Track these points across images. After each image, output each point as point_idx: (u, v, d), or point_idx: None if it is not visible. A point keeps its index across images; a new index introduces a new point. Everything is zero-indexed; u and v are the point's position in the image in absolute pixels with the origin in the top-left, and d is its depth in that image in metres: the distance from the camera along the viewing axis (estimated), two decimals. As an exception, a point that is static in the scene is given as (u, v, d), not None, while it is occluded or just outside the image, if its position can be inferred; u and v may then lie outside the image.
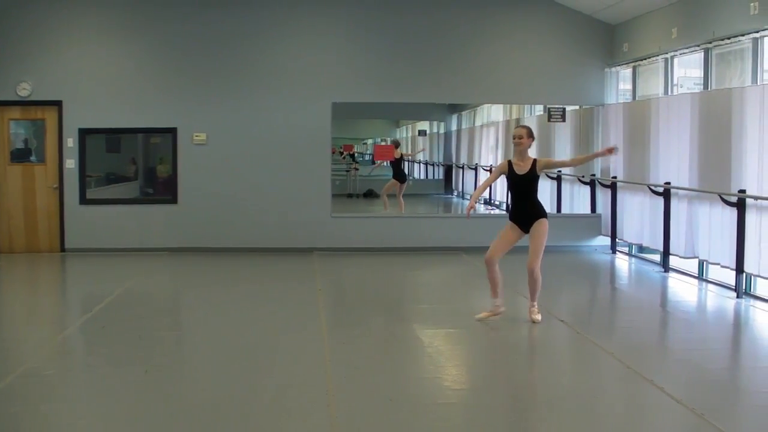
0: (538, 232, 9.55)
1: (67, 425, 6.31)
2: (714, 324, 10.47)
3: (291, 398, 6.94)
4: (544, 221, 9.64)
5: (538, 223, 9.58)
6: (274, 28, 15.42)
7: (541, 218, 9.63)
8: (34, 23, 14.92)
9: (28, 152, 15.29)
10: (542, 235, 9.55)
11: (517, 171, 9.70)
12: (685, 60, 13.58)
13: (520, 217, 9.71)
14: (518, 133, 9.78)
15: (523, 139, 9.72)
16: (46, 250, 15.20)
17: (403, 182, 20.10)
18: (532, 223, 9.60)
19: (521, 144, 9.69)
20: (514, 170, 9.73)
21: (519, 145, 9.72)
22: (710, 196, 12.00)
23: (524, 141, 9.71)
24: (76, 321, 10.31)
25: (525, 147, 9.70)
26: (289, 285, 12.57)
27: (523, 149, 9.71)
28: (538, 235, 9.54)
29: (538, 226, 9.57)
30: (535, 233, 9.57)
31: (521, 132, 9.78)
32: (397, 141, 21.79)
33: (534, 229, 9.58)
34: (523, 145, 9.69)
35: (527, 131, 9.81)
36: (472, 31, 15.75)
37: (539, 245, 9.55)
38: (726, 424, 6.22)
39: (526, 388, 7.38)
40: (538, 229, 9.56)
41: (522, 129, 9.85)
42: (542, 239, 9.55)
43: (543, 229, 9.58)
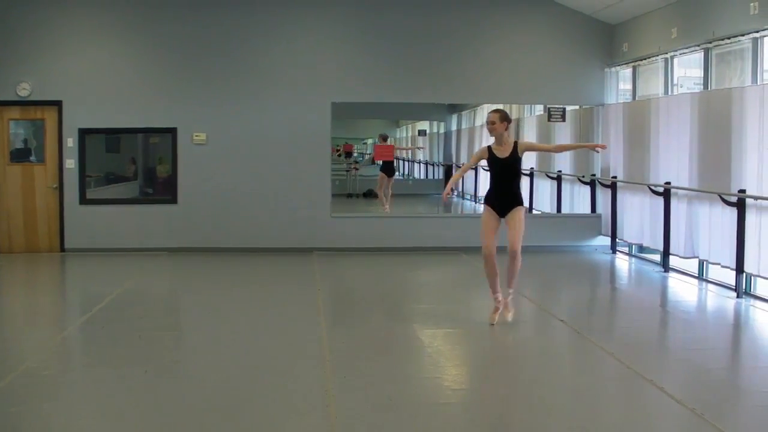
0: (518, 217, 9.42)
1: (66, 425, 6.31)
2: (714, 324, 10.47)
3: (290, 398, 6.93)
4: (523, 208, 9.54)
5: (517, 210, 9.44)
6: (275, 29, 15.41)
7: (519, 205, 9.49)
8: (34, 23, 14.91)
9: (28, 152, 15.28)
10: (521, 220, 9.44)
11: (498, 155, 9.50)
12: (685, 60, 13.58)
13: (499, 201, 9.53)
14: (490, 118, 9.51)
15: (496, 125, 9.45)
16: (45, 250, 15.19)
17: (391, 176, 20.13)
18: (509, 210, 9.45)
19: (494, 129, 9.46)
20: (495, 154, 9.52)
21: (492, 131, 9.50)
22: (710, 196, 11.99)
23: (497, 126, 9.45)
24: (75, 321, 10.31)
25: (499, 132, 9.46)
26: (289, 285, 12.57)
27: (497, 135, 9.48)
28: (518, 219, 9.42)
29: (517, 212, 9.43)
30: (514, 218, 9.43)
31: (493, 117, 9.49)
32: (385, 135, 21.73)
33: (512, 215, 9.43)
34: (496, 130, 9.45)
35: (500, 116, 9.51)
36: (472, 31, 15.75)
37: (521, 228, 9.42)
38: (726, 424, 6.21)
39: (526, 388, 7.37)
40: (517, 215, 9.42)
41: (494, 114, 9.55)
42: (522, 224, 9.44)
43: (522, 215, 9.48)
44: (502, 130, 9.46)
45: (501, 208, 9.50)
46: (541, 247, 15.65)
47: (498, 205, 9.51)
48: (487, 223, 9.56)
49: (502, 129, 9.45)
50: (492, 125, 9.44)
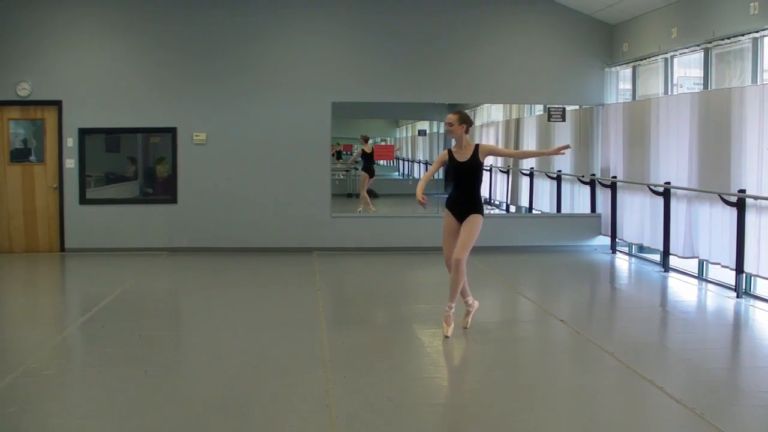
0: (471, 224, 9.06)
1: (66, 425, 6.30)
2: (714, 324, 10.46)
3: (290, 398, 6.93)
4: (479, 217, 9.16)
5: (472, 218, 9.09)
6: (275, 28, 15.42)
7: (476, 213, 9.14)
8: (34, 23, 14.92)
9: (28, 152, 15.28)
10: (474, 228, 9.07)
11: (458, 158, 9.17)
12: (685, 60, 13.58)
13: (457, 206, 9.22)
14: (448, 119, 9.15)
15: (454, 126, 9.09)
16: (45, 250, 15.19)
17: (372, 176, 20.12)
18: (467, 216, 9.12)
19: (452, 131, 9.12)
20: (455, 157, 9.20)
21: (450, 133, 9.19)
22: (710, 195, 12.00)
23: (455, 128, 9.10)
24: (75, 321, 10.30)
25: (457, 134, 9.11)
26: (289, 285, 12.57)
27: (456, 137, 9.16)
28: (470, 227, 9.05)
29: (472, 221, 9.08)
30: (467, 225, 9.06)
31: (451, 118, 9.14)
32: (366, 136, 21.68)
33: (466, 223, 9.08)
34: (454, 132, 9.11)
35: (459, 117, 9.15)
36: (472, 31, 15.75)
37: (469, 237, 9.03)
38: (726, 424, 6.22)
39: (526, 388, 7.37)
40: (471, 222, 9.07)
41: (453, 115, 9.19)
42: (474, 232, 9.07)
43: (476, 223, 9.10)
44: (461, 132, 9.13)
45: (460, 213, 9.21)
46: (541, 247, 15.69)
47: (457, 211, 9.23)
48: (446, 230, 9.28)
49: (460, 131, 9.13)
50: (450, 127, 9.13)
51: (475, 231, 9.07)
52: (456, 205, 9.22)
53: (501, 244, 15.66)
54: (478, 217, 9.12)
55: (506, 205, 20.08)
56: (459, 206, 9.19)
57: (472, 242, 9.05)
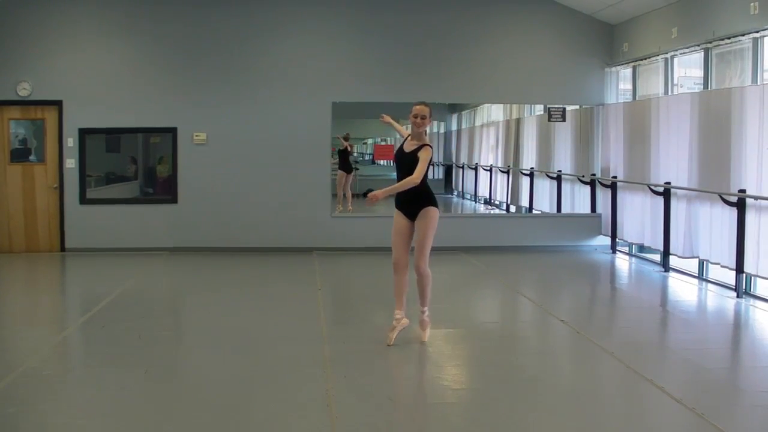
0: (423, 223, 8.44)
1: (66, 425, 6.30)
2: (714, 324, 10.46)
3: (291, 398, 6.93)
4: (432, 210, 8.50)
5: (424, 212, 8.46)
6: (275, 28, 15.42)
7: (429, 206, 8.50)
8: (34, 23, 14.92)
9: (28, 152, 15.28)
10: (428, 228, 8.44)
11: (405, 148, 8.58)
12: (685, 60, 13.58)
13: (405, 203, 8.59)
14: (422, 112, 8.47)
15: (426, 120, 8.50)
16: (46, 250, 15.20)
17: (350, 173, 20.10)
18: (419, 211, 8.48)
19: (422, 125, 8.49)
20: (403, 147, 8.64)
21: (419, 126, 8.47)
22: (710, 195, 12.00)
23: (426, 122, 8.52)
24: (76, 321, 10.31)
25: (424, 128, 8.52)
26: (289, 285, 12.57)
27: (422, 130, 8.52)
28: (424, 225, 8.43)
29: (424, 216, 8.45)
30: (420, 225, 8.46)
31: (424, 110, 8.49)
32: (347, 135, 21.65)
33: (420, 220, 8.47)
34: (423, 126, 8.50)
35: (430, 110, 8.57)
36: (472, 30, 15.76)
37: (425, 239, 8.42)
38: (726, 424, 6.22)
39: (526, 388, 7.38)
40: (423, 221, 8.45)
41: (426, 107, 8.54)
42: (428, 232, 8.43)
43: (430, 220, 8.46)
44: (427, 125, 8.57)
45: (410, 209, 8.57)
46: (541, 247, 15.70)
47: (407, 208, 8.60)
48: (396, 230, 8.69)
49: (427, 124, 8.55)
50: (423, 120, 8.48)
51: (431, 229, 8.47)
52: (404, 202, 8.61)
53: (501, 244, 15.67)
54: (431, 210, 8.50)
55: (506, 205, 20.08)
56: (407, 203, 8.57)
57: (430, 242, 8.49)
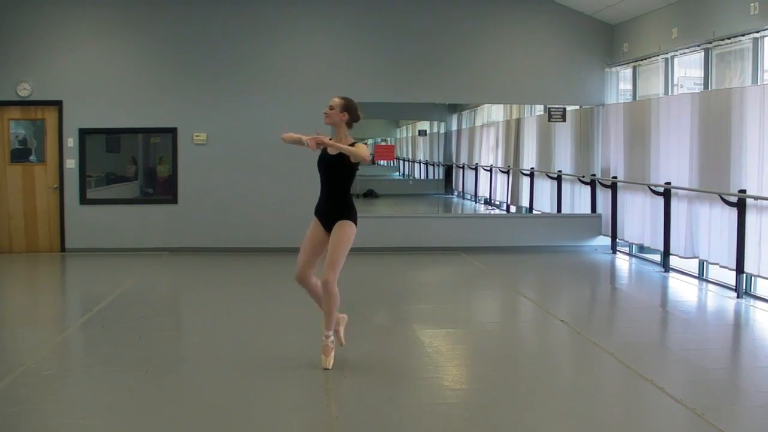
0: (338, 236, 7.74)
1: (66, 425, 6.30)
2: (714, 324, 10.46)
3: (290, 398, 6.94)
4: (349, 225, 7.82)
5: (340, 225, 7.79)
6: (275, 28, 15.42)
7: (345, 219, 7.83)
8: (34, 23, 14.92)
9: (28, 152, 15.28)
10: (343, 241, 7.73)
11: (329, 151, 7.87)
12: (686, 60, 13.58)
13: (323, 210, 7.98)
14: (331, 101, 7.89)
15: (334, 110, 7.82)
16: (46, 250, 15.20)
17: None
18: (335, 223, 7.83)
19: (329, 116, 7.85)
20: (326, 150, 7.91)
21: (327, 116, 7.85)
22: (710, 196, 12.00)
23: (333, 113, 7.82)
24: (76, 321, 10.31)
25: (334, 121, 7.84)
26: (289, 285, 12.52)
27: (332, 123, 7.88)
28: (337, 239, 7.73)
29: (339, 228, 7.77)
30: (334, 237, 7.76)
31: (334, 101, 7.87)
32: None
33: (334, 232, 7.79)
34: (331, 117, 7.84)
35: (343, 103, 7.87)
36: (473, 31, 15.76)
37: (338, 252, 7.72)
38: (726, 424, 6.22)
39: (526, 388, 7.37)
40: (338, 232, 7.75)
41: (338, 99, 7.92)
42: (342, 246, 7.73)
43: (346, 233, 7.78)
44: (339, 120, 7.82)
45: (327, 219, 7.90)
46: (542, 247, 15.69)
47: (324, 217, 7.94)
48: (308, 239, 7.97)
49: (339, 119, 7.82)
50: (330, 110, 7.84)
51: (345, 244, 7.75)
52: (324, 210, 7.97)
53: (501, 244, 15.67)
54: (348, 224, 7.81)
55: (506, 205, 20.07)
56: (326, 211, 7.94)
57: (343, 258, 7.80)
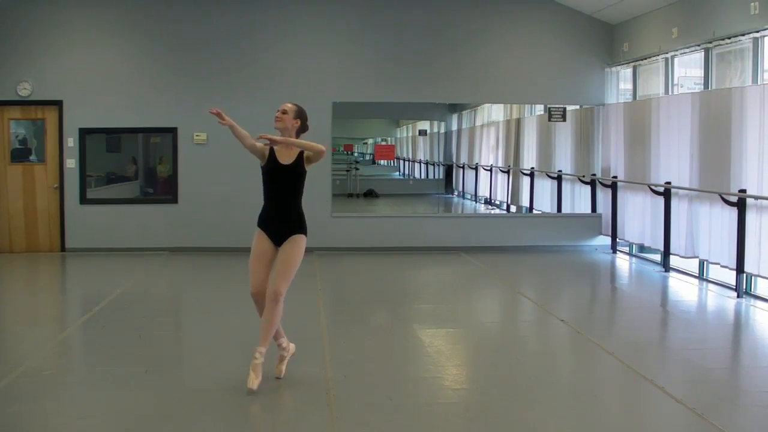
0: (292, 248, 7.30)
1: (66, 425, 6.30)
2: (714, 324, 10.46)
3: (291, 398, 6.94)
4: (302, 239, 7.43)
5: (293, 240, 7.35)
6: (275, 27, 15.42)
7: (298, 233, 7.43)
8: (34, 23, 14.92)
9: (29, 152, 15.28)
10: (296, 253, 7.31)
11: (281, 159, 7.42)
12: (686, 60, 13.58)
13: (272, 223, 7.40)
14: (284, 106, 7.48)
15: (287, 115, 7.41)
16: (46, 250, 15.19)
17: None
18: (287, 237, 7.35)
19: (280, 120, 7.41)
20: (277, 158, 7.43)
21: (277, 121, 7.40)
22: (710, 195, 12.00)
23: (286, 119, 7.41)
24: (76, 321, 10.31)
25: (285, 127, 7.41)
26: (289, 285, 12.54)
27: (283, 129, 7.42)
28: (290, 251, 7.28)
29: (294, 242, 7.35)
30: (287, 249, 7.29)
31: (287, 106, 7.48)
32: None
33: (286, 246, 7.31)
34: (283, 122, 7.42)
35: (296, 109, 7.52)
36: (473, 30, 15.76)
37: (290, 265, 7.23)
38: (726, 424, 6.22)
39: (526, 388, 7.37)
40: (292, 245, 7.31)
41: (291, 104, 7.55)
42: (296, 257, 7.29)
43: (298, 246, 7.36)
44: (291, 125, 7.43)
45: (277, 233, 7.39)
46: (542, 247, 15.70)
47: (274, 230, 7.40)
48: (256, 254, 7.37)
49: (291, 124, 7.42)
50: (282, 114, 7.42)
51: (297, 256, 7.31)
52: (272, 222, 7.42)
53: (501, 244, 15.68)
54: (301, 238, 7.43)
55: (507, 205, 20.06)
56: (276, 224, 7.40)
57: (294, 271, 7.30)
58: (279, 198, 7.46)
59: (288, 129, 7.41)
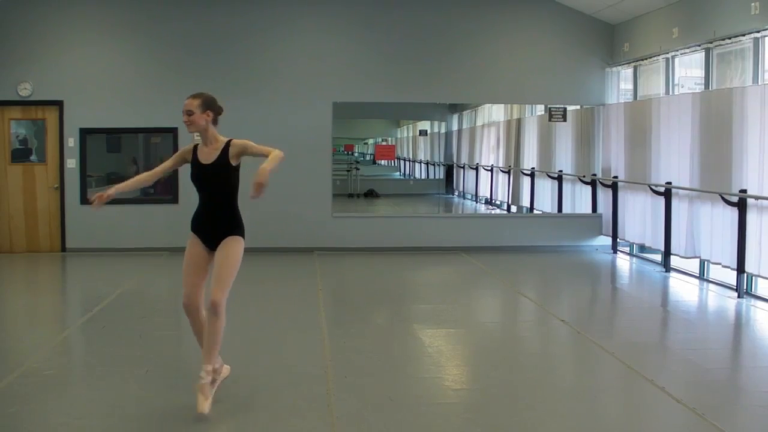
0: (227, 253, 6.62)
1: (67, 425, 6.30)
2: (715, 324, 10.46)
3: (291, 398, 6.93)
4: (238, 240, 6.72)
5: (229, 242, 6.67)
6: (275, 27, 15.43)
7: (233, 235, 6.72)
8: (34, 23, 14.92)
9: (29, 152, 15.29)
10: (233, 256, 6.64)
11: (201, 159, 6.74)
12: (686, 60, 13.58)
13: (205, 227, 6.76)
14: (186, 105, 6.70)
15: (194, 116, 6.66)
16: (46, 250, 15.20)
17: None
18: (221, 240, 6.69)
19: (191, 122, 6.68)
20: (198, 158, 6.76)
21: (189, 125, 6.70)
22: (711, 195, 12.00)
23: (194, 118, 6.67)
24: (76, 321, 10.30)
25: (199, 126, 6.71)
26: (290, 285, 12.56)
27: (197, 130, 6.74)
28: (226, 256, 6.61)
29: (228, 245, 6.66)
30: (222, 254, 6.63)
31: (189, 104, 6.70)
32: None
33: (222, 247, 6.65)
34: (194, 123, 6.68)
35: (200, 102, 6.74)
36: (473, 30, 15.77)
37: (228, 269, 6.59)
38: (726, 424, 6.22)
39: (527, 388, 7.37)
40: (228, 248, 6.64)
41: (191, 99, 6.75)
42: (233, 261, 6.63)
43: (236, 249, 6.68)
44: (203, 122, 6.72)
45: (210, 237, 6.74)
46: (542, 247, 15.69)
47: (206, 233, 6.77)
48: (189, 260, 6.80)
49: (203, 121, 6.71)
50: (189, 117, 6.66)
51: (235, 260, 6.67)
52: (203, 226, 6.78)
53: (502, 244, 15.67)
54: (236, 239, 6.73)
55: (507, 205, 20.07)
56: (208, 227, 6.75)
57: (233, 276, 6.67)
58: (207, 199, 6.78)
59: (203, 127, 6.72)
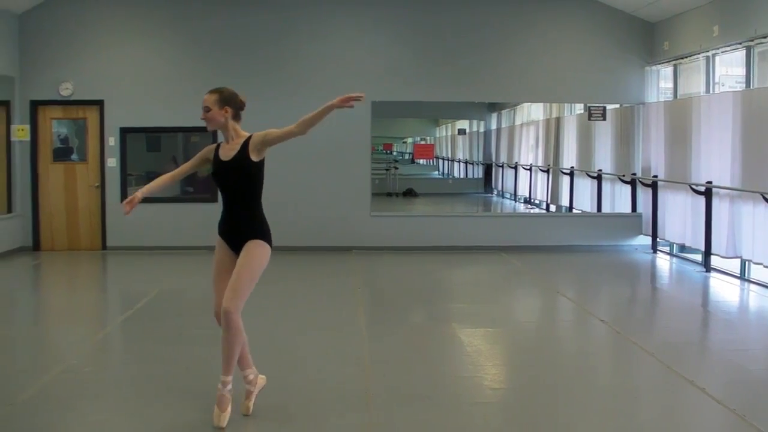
0: (246, 258, 6.23)
1: (106, 422, 6.35)
2: (756, 325, 10.36)
3: (328, 397, 6.94)
4: (261, 245, 6.40)
5: (251, 246, 6.31)
6: (314, 27, 15.46)
7: (255, 238, 6.39)
8: (76, 24, 15.09)
9: (70, 151, 15.45)
10: (252, 263, 6.25)
11: (222, 156, 6.52)
12: (727, 58, 13.45)
13: (227, 230, 6.48)
14: (203, 102, 6.59)
15: (211, 112, 6.52)
16: (87, 248, 15.35)
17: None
18: (244, 243, 6.33)
19: (209, 119, 6.56)
20: (219, 155, 6.55)
21: (207, 122, 6.55)
22: (753, 195, 11.88)
23: (212, 114, 6.53)
24: (116, 319, 10.40)
25: (218, 122, 6.58)
26: (328, 283, 12.59)
27: (217, 126, 6.62)
28: (246, 261, 6.21)
29: (251, 249, 6.29)
30: (241, 260, 6.24)
31: (207, 100, 6.58)
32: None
33: (242, 254, 6.27)
34: (213, 119, 6.55)
35: (216, 97, 6.61)
36: (511, 29, 15.73)
37: (244, 277, 6.16)
38: (766, 426, 6.14)
39: (566, 388, 7.34)
40: (248, 254, 6.25)
41: (208, 95, 6.63)
42: (250, 269, 6.21)
43: (256, 254, 6.31)
44: (221, 118, 6.58)
45: (234, 239, 6.41)
46: (581, 247, 15.61)
47: (230, 236, 6.45)
48: (217, 267, 6.49)
49: (220, 117, 6.57)
50: (206, 113, 6.54)
51: (253, 268, 6.27)
52: (228, 229, 6.49)
53: (541, 243, 15.61)
54: (260, 244, 6.40)
55: (546, 204, 20.01)
56: (231, 230, 6.46)
57: (250, 285, 6.24)
58: (229, 200, 6.51)
59: (222, 123, 6.57)
